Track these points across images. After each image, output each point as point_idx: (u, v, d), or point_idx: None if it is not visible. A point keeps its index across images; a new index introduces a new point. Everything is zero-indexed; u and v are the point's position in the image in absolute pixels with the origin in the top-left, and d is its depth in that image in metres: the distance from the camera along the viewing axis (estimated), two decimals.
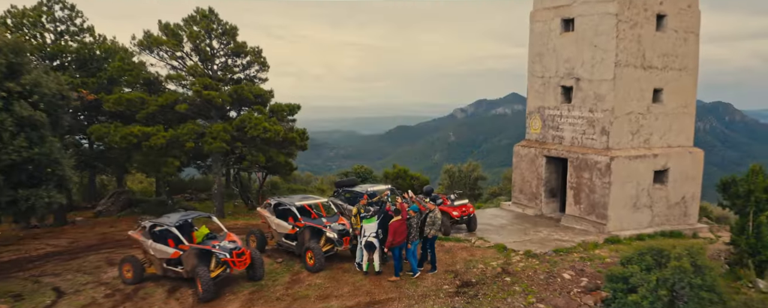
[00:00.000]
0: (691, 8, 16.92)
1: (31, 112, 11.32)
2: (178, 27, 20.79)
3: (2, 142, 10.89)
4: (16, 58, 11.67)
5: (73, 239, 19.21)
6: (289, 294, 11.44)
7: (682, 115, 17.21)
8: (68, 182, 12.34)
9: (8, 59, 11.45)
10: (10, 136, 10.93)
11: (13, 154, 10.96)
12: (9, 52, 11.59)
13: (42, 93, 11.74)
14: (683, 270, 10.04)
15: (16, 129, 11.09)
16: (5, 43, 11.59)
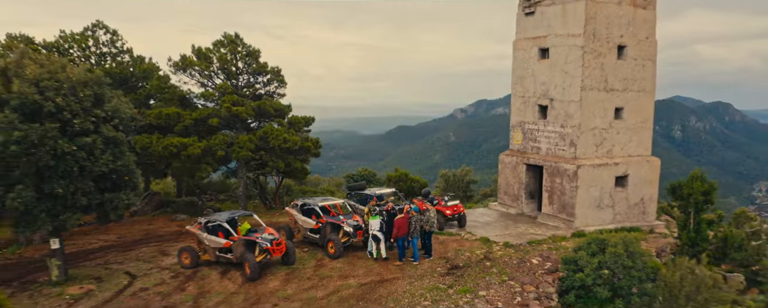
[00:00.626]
0: (648, 39, 20.26)
1: (114, 133, 14.64)
2: (208, 50, 24.11)
3: (94, 157, 14.20)
4: (99, 90, 14.99)
5: (120, 235, 22.52)
6: (317, 274, 14.77)
7: (641, 129, 20.55)
8: (138, 187, 15.67)
9: (94, 91, 14.76)
10: (100, 152, 14.24)
11: (103, 166, 14.27)
12: (94, 84, 14.90)
13: (120, 117, 15.05)
14: (618, 255, 13.36)
15: (104, 146, 14.40)
16: (91, 77, 14.88)
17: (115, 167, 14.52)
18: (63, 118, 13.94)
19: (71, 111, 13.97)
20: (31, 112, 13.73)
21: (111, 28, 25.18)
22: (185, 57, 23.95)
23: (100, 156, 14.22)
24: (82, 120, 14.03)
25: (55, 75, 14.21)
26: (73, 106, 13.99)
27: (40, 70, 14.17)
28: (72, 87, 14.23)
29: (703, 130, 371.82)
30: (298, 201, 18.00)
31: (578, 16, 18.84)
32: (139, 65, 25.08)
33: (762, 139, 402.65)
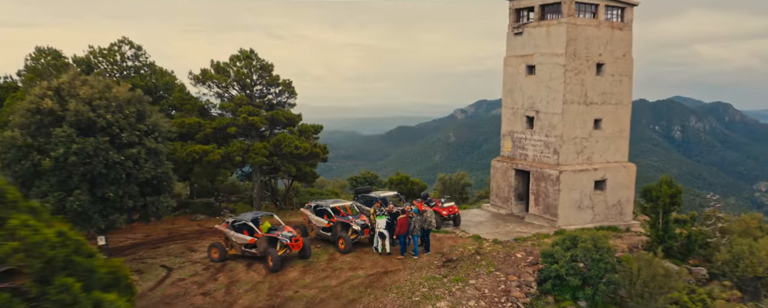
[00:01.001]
0: (625, 57, 22.70)
1: (155, 145, 17.05)
2: (226, 65, 26.54)
3: (139, 166, 16.60)
4: (141, 106, 17.39)
5: (146, 233, 24.88)
6: (330, 266, 17.19)
7: (618, 138, 22.97)
8: (174, 191, 18.09)
9: (137, 108, 17.17)
10: (143, 161, 16.65)
11: (146, 173, 16.68)
12: (137, 102, 17.31)
13: (160, 130, 17.46)
14: (588, 250, 15.77)
15: (147, 156, 16.80)
16: (134, 96, 17.29)
17: (156, 174, 16.94)
18: (112, 132, 16.36)
19: (119, 126, 16.39)
20: (86, 127, 16.15)
21: (135, 44, 27.58)
22: (205, 71, 26.38)
23: (143, 165, 16.64)
24: (129, 133, 16.45)
25: (104, 94, 16.63)
26: (120, 121, 16.42)
27: (91, 90, 16.59)
28: (119, 105, 16.65)
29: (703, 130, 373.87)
30: (311, 203, 20.43)
31: (560, 38, 21.27)
32: (161, 78, 27.48)
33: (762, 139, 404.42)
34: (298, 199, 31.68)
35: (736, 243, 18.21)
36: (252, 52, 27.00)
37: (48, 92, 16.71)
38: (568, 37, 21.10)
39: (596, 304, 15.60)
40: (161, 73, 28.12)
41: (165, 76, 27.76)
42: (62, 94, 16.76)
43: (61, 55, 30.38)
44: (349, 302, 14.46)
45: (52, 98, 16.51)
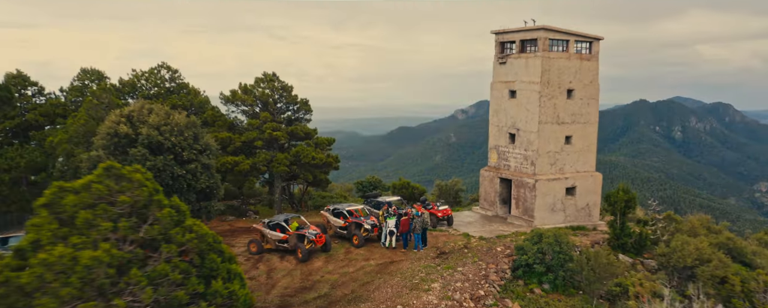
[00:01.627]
0: (592, 83, 27.23)
1: (208, 161, 21.60)
2: (252, 87, 31.10)
3: (196, 178, 21.15)
4: (196, 130, 21.93)
5: None
6: (347, 257, 21.75)
7: (587, 152, 27.51)
8: (221, 197, 22.65)
9: (193, 131, 21.71)
10: (200, 174, 21.20)
11: (202, 183, 21.23)
12: (192, 127, 21.85)
13: (210, 149, 22.01)
14: (550, 244, 20.31)
15: (202, 170, 21.35)
16: (190, 121, 21.83)
17: (208, 184, 21.51)
18: (175, 151, 20.93)
19: (181, 146, 20.96)
20: (155, 147, 20.72)
21: (172, 67, 32.16)
22: (234, 92, 30.98)
23: (199, 177, 21.22)
24: (188, 152, 21.03)
25: (168, 121, 21.21)
26: (181, 142, 20.99)
27: (158, 117, 21.17)
28: (180, 129, 21.23)
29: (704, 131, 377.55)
30: (330, 207, 25.01)
31: (536, 68, 25.82)
32: (195, 98, 32.04)
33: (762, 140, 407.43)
34: (312, 202, 36.27)
35: (674, 240, 22.73)
36: (274, 75, 31.57)
37: (122, 119, 21.27)
38: (543, 68, 25.65)
39: (557, 287, 20.14)
40: (194, 92, 32.68)
41: (199, 96, 32.31)
42: (133, 121, 21.32)
43: (103, 75, 35.03)
44: (364, 284, 19.02)
45: (126, 124, 21.07)
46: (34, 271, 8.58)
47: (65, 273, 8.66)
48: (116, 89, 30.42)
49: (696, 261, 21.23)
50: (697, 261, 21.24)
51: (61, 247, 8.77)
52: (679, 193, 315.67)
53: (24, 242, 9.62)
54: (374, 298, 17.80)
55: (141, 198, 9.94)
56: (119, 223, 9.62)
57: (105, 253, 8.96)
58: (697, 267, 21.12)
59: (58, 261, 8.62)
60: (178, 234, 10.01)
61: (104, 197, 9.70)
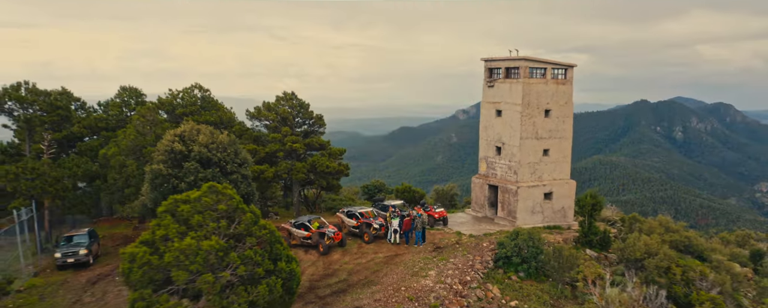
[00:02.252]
0: (567, 104, 32.30)
1: (246, 172, 26.69)
2: (274, 104, 36.21)
3: (237, 186, 26.24)
4: (236, 147, 27.02)
5: None
6: (359, 251, 26.87)
7: (562, 162, 32.58)
8: (256, 201, 27.75)
9: (234, 148, 26.80)
10: (240, 183, 26.29)
11: (242, 191, 26.34)
12: (233, 144, 26.94)
13: (247, 162, 27.10)
14: (525, 239, 25.39)
15: (241, 180, 26.44)
16: (231, 139, 26.89)
17: (247, 191, 26.64)
18: (221, 164, 26.05)
19: (225, 161, 26.09)
20: (204, 161, 25.84)
21: (204, 87, 37.30)
22: (258, 109, 36.14)
23: (240, 186, 26.34)
24: (231, 165, 26.16)
25: (214, 139, 26.34)
26: (225, 157, 26.12)
27: (206, 137, 26.30)
28: (224, 147, 26.36)
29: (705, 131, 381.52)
30: (344, 209, 30.13)
31: (518, 92, 30.89)
32: (225, 114, 37.16)
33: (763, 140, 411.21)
34: (324, 204, 41.40)
35: (629, 237, 27.81)
36: (293, 94, 36.71)
37: (176, 138, 26.39)
38: (524, 92, 30.73)
39: (530, 275, 25.22)
40: (223, 109, 37.81)
41: (227, 113, 37.44)
42: (185, 139, 26.45)
43: (141, 93, 40.18)
44: (374, 271, 24.13)
45: (179, 142, 26.20)
46: (173, 254, 13.69)
47: (191, 256, 13.77)
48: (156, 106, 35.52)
49: (645, 255, 26.30)
50: (646, 254, 26.32)
51: (188, 239, 13.89)
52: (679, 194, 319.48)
53: (156, 236, 14.71)
54: (383, 282, 22.91)
55: (231, 207, 15.05)
56: (219, 223, 14.74)
57: (214, 243, 14.08)
58: (646, 260, 26.20)
59: (187, 248, 13.73)
60: (256, 230, 15.12)
61: (209, 206, 14.80)
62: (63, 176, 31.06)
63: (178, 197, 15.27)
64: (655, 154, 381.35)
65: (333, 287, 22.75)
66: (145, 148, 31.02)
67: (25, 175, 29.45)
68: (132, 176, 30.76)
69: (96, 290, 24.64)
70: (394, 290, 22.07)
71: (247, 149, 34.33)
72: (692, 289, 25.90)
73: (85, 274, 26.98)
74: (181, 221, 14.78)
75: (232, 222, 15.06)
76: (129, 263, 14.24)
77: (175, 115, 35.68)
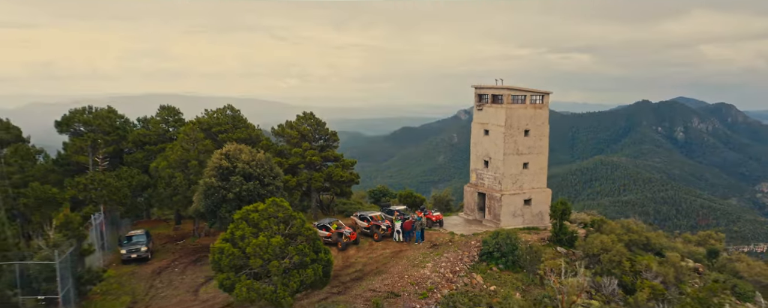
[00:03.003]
0: (543, 124, 39.18)
1: (280, 184, 33.57)
2: (295, 123, 43.10)
3: (273, 195, 33.13)
4: (270, 164, 33.88)
5: None
6: (370, 248, 33.82)
7: (540, 174, 39.46)
8: None
9: (270, 165, 33.67)
10: (275, 192, 33.17)
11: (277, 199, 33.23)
12: (268, 161, 33.80)
13: (279, 175, 33.98)
14: (504, 238, 32.28)
15: (275, 190, 33.32)
16: (267, 157, 33.74)
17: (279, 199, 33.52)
18: (259, 178, 32.95)
19: (263, 175, 32.99)
20: (247, 176, 32.74)
21: (235, 109, 44.19)
22: (282, 127, 43.06)
23: (275, 195, 33.24)
24: (268, 179, 33.08)
25: (254, 157, 33.24)
26: (263, 172, 33.02)
27: (247, 156, 33.20)
28: (262, 163, 33.27)
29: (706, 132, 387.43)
30: (357, 213, 37.04)
31: (502, 116, 37.75)
32: (253, 131, 44.04)
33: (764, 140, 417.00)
34: (337, 208, 48.26)
35: (589, 237, 34.65)
36: (311, 114, 43.62)
37: (223, 157, 33.27)
38: (507, 116, 37.58)
39: (508, 266, 32.06)
40: (251, 127, 44.69)
41: (255, 130, 44.33)
42: (230, 157, 33.34)
43: (178, 112, 47.08)
44: (383, 263, 31.02)
45: (226, 160, 33.09)
46: (252, 247, 20.57)
47: (264, 248, 20.65)
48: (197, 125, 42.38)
49: (601, 251, 33.17)
50: (602, 250, 33.19)
51: (261, 237, 20.77)
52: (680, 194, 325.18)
53: (235, 235, 21.56)
54: (390, 272, 29.80)
55: (287, 214, 21.94)
56: (279, 227, 21.64)
57: (278, 240, 20.96)
58: (602, 255, 33.08)
59: (261, 243, 20.62)
60: (304, 230, 22.02)
61: (272, 214, 21.69)
62: (123, 186, 37.98)
63: (249, 207, 22.17)
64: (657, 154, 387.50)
65: (351, 275, 29.65)
66: (190, 162, 37.88)
67: (94, 186, 36.40)
68: (180, 186, 37.64)
69: (162, 278, 31.58)
70: (399, 277, 28.97)
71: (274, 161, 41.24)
72: (638, 279, 32.78)
73: (148, 267, 33.91)
74: (252, 224, 21.67)
75: (287, 225, 21.93)
76: (218, 254, 21.15)
77: (211, 133, 42.51)
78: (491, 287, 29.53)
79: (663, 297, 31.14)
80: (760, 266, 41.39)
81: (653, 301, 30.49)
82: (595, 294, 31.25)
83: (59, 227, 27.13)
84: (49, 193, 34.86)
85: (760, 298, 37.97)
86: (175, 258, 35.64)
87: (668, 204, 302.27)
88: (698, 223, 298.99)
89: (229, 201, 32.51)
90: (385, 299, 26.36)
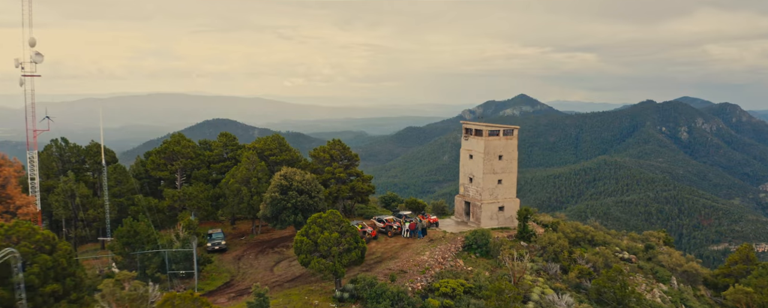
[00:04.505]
0: (513, 151, 55.02)
1: (323, 196, 49.25)
2: (326, 148, 58.97)
3: (318, 205, 48.80)
4: (315, 182, 49.53)
5: (280, 235, 57.26)
6: (385, 242, 49.82)
7: (510, 188, 55.30)
8: None
9: (314, 183, 49.32)
10: (319, 203, 48.86)
11: (320, 207, 48.98)
12: (314, 181, 49.46)
13: (321, 190, 49.63)
14: (480, 235, 48.03)
15: (319, 201, 49.02)
16: (313, 177, 49.36)
17: (322, 207, 49.40)
18: (308, 192, 48.79)
19: (310, 190, 48.83)
20: (300, 191, 48.60)
21: (281, 136, 60.08)
22: (317, 151, 58.95)
23: (319, 205, 49.11)
24: (314, 192, 48.93)
25: (304, 177, 49.11)
26: (311, 188, 48.87)
27: (299, 177, 49.07)
28: (309, 182, 49.14)
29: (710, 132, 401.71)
30: (375, 217, 52.87)
31: (481, 145, 53.49)
32: (294, 154, 59.82)
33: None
34: (357, 212, 64.07)
35: (545, 234, 50.27)
36: (339, 142, 59.42)
37: (282, 178, 49.08)
38: (485, 145, 53.26)
39: (482, 254, 47.77)
40: (293, 151, 60.52)
41: (296, 153, 60.15)
42: (287, 177, 49.16)
43: (235, 138, 63.04)
44: (395, 252, 46.85)
45: (284, 179, 48.91)
46: (321, 239, 36.35)
47: (329, 240, 36.45)
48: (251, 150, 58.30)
49: (548, 244, 48.82)
50: (549, 244, 48.84)
51: (326, 233, 36.59)
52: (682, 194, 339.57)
53: (309, 232, 37.42)
54: (400, 257, 45.54)
55: (339, 219, 37.76)
56: (335, 226, 37.47)
57: (336, 235, 36.76)
58: (548, 247, 48.73)
59: (327, 236, 36.43)
60: (350, 229, 37.81)
61: (331, 219, 37.46)
62: (204, 197, 53.92)
63: (315, 216, 37.93)
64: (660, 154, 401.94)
65: (373, 260, 45.40)
66: (251, 179, 53.65)
67: (186, 197, 52.32)
68: (245, 196, 53.46)
69: (243, 262, 47.44)
70: (406, 261, 44.70)
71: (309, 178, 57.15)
72: (574, 263, 48.44)
73: (229, 255, 49.75)
74: (319, 225, 37.40)
75: (339, 225, 37.63)
76: (299, 243, 36.95)
77: (263, 155, 58.28)
78: (469, 268, 45.24)
79: (589, 276, 46.79)
80: (676, 257, 56.97)
81: (581, 278, 46.14)
82: (543, 274, 46.89)
83: (185, 227, 43.09)
84: (151, 203, 50.90)
85: (674, 281, 53.70)
86: (244, 249, 51.54)
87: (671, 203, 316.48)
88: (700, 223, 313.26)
89: (287, 208, 48.43)
90: (397, 274, 42.08)
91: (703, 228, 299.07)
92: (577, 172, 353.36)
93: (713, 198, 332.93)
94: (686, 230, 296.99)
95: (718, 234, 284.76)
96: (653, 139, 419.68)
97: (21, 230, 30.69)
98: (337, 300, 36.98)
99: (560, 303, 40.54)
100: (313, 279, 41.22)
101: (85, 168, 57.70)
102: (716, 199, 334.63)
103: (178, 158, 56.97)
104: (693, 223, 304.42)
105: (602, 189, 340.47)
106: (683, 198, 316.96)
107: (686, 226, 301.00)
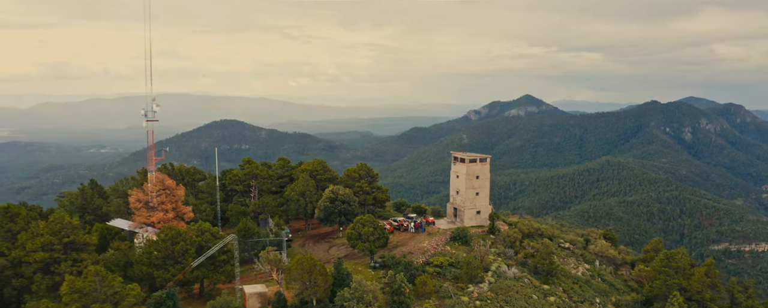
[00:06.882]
0: (487, 172, 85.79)
1: (356, 205, 79.34)
2: (356, 169, 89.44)
3: (354, 211, 78.84)
4: (352, 195, 79.50)
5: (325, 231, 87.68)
6: (399, 235, 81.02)
7: (484, 198, 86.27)
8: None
9: (353, 196, 79.32)
10: (356, 209, 78.95)
11: (356, 212, 79.15)
12: (351, 195, 79.46)
13: (356, 201, 79.69)
14: (461, 230, 78.27)
15: (355, 208, 79.08)
16: (348, 192, 79.20)
17: (358, 211, 79.70)
18: (348, 202, 79.16)
19: (349, 201, 79.23)
20: (343, 201, 78.95)
21: (321, 159, 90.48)
22: (349, 171, 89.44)
23: (355, 210, 79.46)
24: (351, 202, 79.31)
25: (345, 192, 79.49)
26: (349, 200, 79.30)
27: (343, 192, 79.49)
28: (349, 195, 79.54)
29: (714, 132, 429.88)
30: (390, 219, 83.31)
31: (464, 169, 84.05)
32: (332, 173, 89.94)
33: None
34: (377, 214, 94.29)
35: (508, 229, 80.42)
36: (365, 164, 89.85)
37: (331, 192, 79.46)
38: (467, 170, 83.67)
39: (463, 243, 78.15)
40: (331, 170, 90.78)
41: (333, 172, 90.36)
42: (334, 192, 79.53)
43: (289, 161, 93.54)
44: (405, 242, 77.71)
45: (332, 193, 79.25)
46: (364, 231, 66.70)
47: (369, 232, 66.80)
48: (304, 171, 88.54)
49: (506, 236, 79.00)
50: (506, 236, 79.04)
51: (367, 227, 67.09)
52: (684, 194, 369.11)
53: (357, 226, 67.86)
54: (408, 245, 76.16)
55: (373, 219, 68.15)
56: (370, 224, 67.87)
57: (371, 228, 67.12)
58: (506, 239, 78.94)
59: (366, 230, 66.84)
60: (378, 225, 68.16)
61: (368, 221, 67.75)
62: (275, 204, 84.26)
63: (358, 218, 68.25)
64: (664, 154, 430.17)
65: (392, 245, 75.99)
66: (306, 192, 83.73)
67: (263, 205, 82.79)
68: (301, 204, 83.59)
69: (307, 248, 78.17)
70: (412, 247, 75.15)
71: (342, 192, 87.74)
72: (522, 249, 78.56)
73: (294, 243, 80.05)
74: (362, 223, 67.66)
75: (373, 224, 67.75)
76: (349, 234, 67.35)
77: (312, 174, 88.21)
78: (453, 251, 75.34)
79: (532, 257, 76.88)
80: (603, 247, 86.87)
81: (526, 258, 76.21)
82: (502, 256, 76.87)
83: (276, 224, 73.66)
84: (241, 209, 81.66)
85: (597, 263, 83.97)
86: (303, 240, 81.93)
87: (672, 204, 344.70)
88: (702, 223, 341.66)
89: (334, 213, 78.88)
90: (407, 254, 72.23)
91: (704, 228, 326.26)
92: (581, 173, 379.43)
93: (715, 198, 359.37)
94: (687, 230, 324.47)
95: (718, 234, 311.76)
96: (657, 140, 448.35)
97: (204, 226, 61.00)
98: (372, 268, 67.10)
99: (509, 272, 70.65)
100: (355, 258, 71.19)
101: (185, 183, 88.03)
102: (718, 200, 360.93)
103: (257, 177, 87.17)
104: (694, 223, 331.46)
105: (605, 189, 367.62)
106: (685, 198, 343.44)
107: (687, 226, 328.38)
